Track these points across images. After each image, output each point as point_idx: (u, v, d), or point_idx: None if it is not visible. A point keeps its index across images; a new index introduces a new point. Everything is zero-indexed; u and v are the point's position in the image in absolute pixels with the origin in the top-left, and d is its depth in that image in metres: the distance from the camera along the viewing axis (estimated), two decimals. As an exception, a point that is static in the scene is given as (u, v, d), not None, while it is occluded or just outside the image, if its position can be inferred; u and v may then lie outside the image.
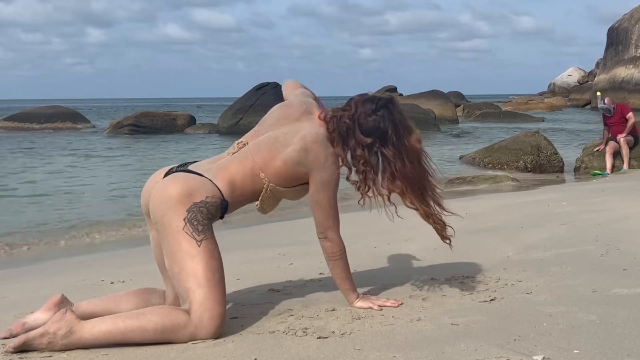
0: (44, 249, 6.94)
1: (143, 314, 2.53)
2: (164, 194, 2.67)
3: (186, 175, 2.73)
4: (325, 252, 2.85)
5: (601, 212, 5.64)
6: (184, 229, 2.60)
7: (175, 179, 2.71)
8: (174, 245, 2.61)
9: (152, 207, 2.70)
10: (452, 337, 2.42)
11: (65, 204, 10.08)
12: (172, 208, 2.63)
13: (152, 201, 2.71)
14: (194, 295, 2.55)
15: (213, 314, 2.54)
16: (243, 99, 28.26)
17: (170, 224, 2.62)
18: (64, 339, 2.45)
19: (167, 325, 2.49)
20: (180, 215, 2.61)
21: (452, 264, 3.80)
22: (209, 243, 2.63)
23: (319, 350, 2.36)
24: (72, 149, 20.99)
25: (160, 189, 2.71)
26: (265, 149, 2.79)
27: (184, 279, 2.58)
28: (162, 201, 2.66)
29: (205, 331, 2.53)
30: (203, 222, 2.63)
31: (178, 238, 2.60)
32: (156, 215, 2.68)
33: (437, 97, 35.27)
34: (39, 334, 2.46)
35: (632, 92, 46.59)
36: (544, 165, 13.10)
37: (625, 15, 50.61)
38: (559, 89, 64.90)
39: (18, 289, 4.21)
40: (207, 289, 2.56)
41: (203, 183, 2.70)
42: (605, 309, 2.70)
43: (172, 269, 2.63)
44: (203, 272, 2.58)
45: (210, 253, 2.62)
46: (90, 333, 2.47)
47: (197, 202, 2.64)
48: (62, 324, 2.47)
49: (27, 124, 31.95)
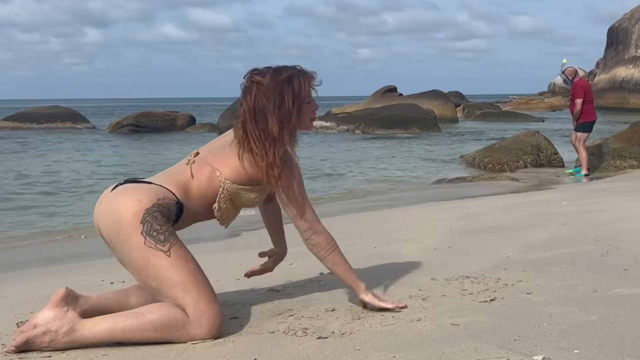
0: (44, 248, 6.94)
1: (142, 314, 2.51)
2: (112, 209, 2.56)
3: (133, 185, 2.65)
4: (320, 248, 2.76)
5: (601, 212, 5.64)
6: (145, 244, 2.50)
7: (122, 192, 2.61)
8: (140, 263, 2.52)
9: (103, 227, 2.59)
10: (452, 337, 2.42)
11: (65, 203, 10.08)
12: (124, 224, 2.51)
13: (101, 220, 2.59)
14: (184, 301, 2.51)
15: (210, 314, 2.53)
16: (243, 99, 28.26)
17: (129, 241, 2.51)
18: (65, 337, 2.45)
19: (166, 325, 2.48)
20: (136, 230, 2.50)
21: (452, 264, 3.79)
22: (177, 249, 2.55)
23: (319, 350, 2.36)
24: (72, 148, 21.00)
25: (106, 205, 2.59)
26: (219, 151, 2.77)
27: (167, 290, 2.52)
28: (111, 218, 2.55)
29: (205, 331, 2.52)
30: (162, 229, 2.53)
31: (143, 255, 2.50)
32: (110, 235, 2.56)
33: (437, 97, 35.29)
34: (41, 332, 2.45)
35: (632, 92, 46.61)
36: (544, 166, 13.13)
37: (626, 15, 50.63)
38: (559, 88, 64.89)
39: (18, 289, 4.21)
40: (195, 292, 2.52)
41: (151, 188, 2.61)
42: (606, 309, 2.70)
43: (148, 284, 2.55)
44: (185, 278, 2.52)
45: (183, 258, 2.55)
46: (91, 331, 2.47)
47: (149, 207, 2.53)
48: (64, 322, 2.46)
49: (27, 124, 31.97)
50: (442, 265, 3.75)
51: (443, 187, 11.04)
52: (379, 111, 29.41)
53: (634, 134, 12.73)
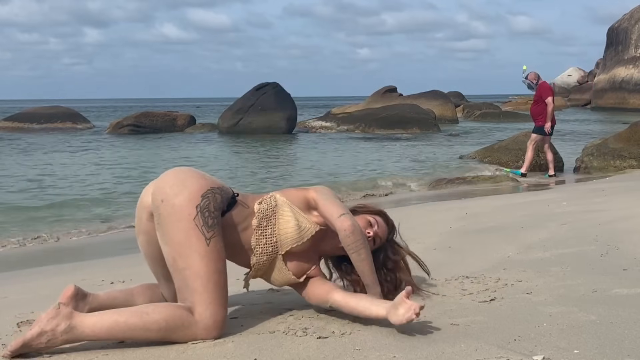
0: (44, 249, 6.94)
1: (147, 313, 2.48)
2: (181, 175, 2.64)
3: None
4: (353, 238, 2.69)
5: (601, 212, 5.64)
6: (194, 220, 2.54)
7: (192, 169, 2.74)
8: (181, 236, 2.54)
9: (161, 186, 2.61)
10: (452, 337, 2.42)
11: (66, 203, 10.08)
12: (188, 188, 2.58)
13: (162, 181, 2.64)
14: (200, 297, 2.52)
15: (217, 318, 2.53)
16: (243, 99, 28.27)
17: (183, 209, 2.54)
18: (63, 335, 2.38)
19: (171, 326, 2.47)
20: (194, 201, 2.56)
21: (452, 264, 3.79)
22: (217, 242, 2.58)
23: (319, 350, 2.36)
24: (72, 148, 20.99)
25: (175, 171, 2.69)
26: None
27: (189, 277, 2.53)
28: (177, 181, 2.61)
29: (208, 333, 2.52)
30: (214, 213, 2.59)
31: (188, 230, 2.53)
32: (167, 195, 2.57)
33: (437, 98, 35.32)
34: (36, 334, 2.37)
35: (632, 92, 46.61)
36: (544, 166, 13.11)
37: (625, 16, 50.64)
38: (559, 89, 64.84)
39: (18, 289, 4.21)
40: (213, 292, 2.53)
41: (214, 178, 2.76)
42: (605, 309, 2.70)
43: (175, 262, 2.56)
44: (211, 275, 2.54)
45: (218, 254, 2.58)
46: (91, 330, 2.41)
47: (214, 187, 2.64)
48: (60, 320, 2.39)
49: (27, 124, 31.96)
50: (442, 265, 3.75)
51: (443, 187, 11.04)
52: (379, 111, 29.42)
53: (634, 134, 12.74)
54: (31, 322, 2.93)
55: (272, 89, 27.78)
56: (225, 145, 22.60)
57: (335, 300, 2.70)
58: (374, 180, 12.50)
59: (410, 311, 2.41)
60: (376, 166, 15.25)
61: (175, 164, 16.76)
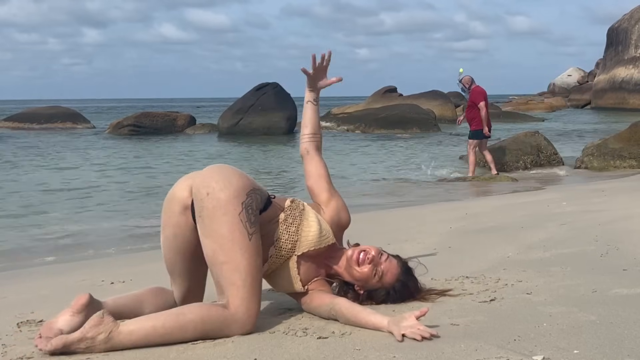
0: (43, 248, 6.94)
1: (183, 314, 2.50)
2: (225, 172, 2.67)
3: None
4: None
5: (601, 212, 5.64)
6: (239, 215, 2.58)
7: (234, 168, 2.77)
8: (225, 230, 2.57)
9: (206, 180, 2.62)
10: (452, 337, 2.42)
11: (66, 203, 10.08)
12: (234, 186, 2.62)
13: (205, 176, 2.65)
14: (238, 291, 2.55)
15: (251, 313, 2.57)
16: (243, 100, 28.25)
17: (228, 204, 2.58)
18: (102, 344, 2.38)
19: (207, 324, 2.49)
20: (239, 197, 2.60)
21: (452, 264, 3.80)
22: (257, 239, 2.63)
23: (319, 350, 2.36)
24: (72, 148, 21.00)
25: (220, 167, 2.72)
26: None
27: (228, 271, 2.55)
28: (223, 177, 2.63)
29: (242, 327, 2.55)
30: (255, 212, 2.64)
31: (232, 224, 2.57)
32: (213, 189, 2.59)
33: (437, 98, 35.28)
34: (77, 339, 2.37)
35: (632, 92, 46.61)
36: (544, 166, 13.14)
37: (625, 16, 50.65)
38: (559, 89, 64.90)
39: (18, 289, 4.21)
40: (250, 287, 2.57)
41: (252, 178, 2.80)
42: (605, 309, 2.70)
43: (215, 255, 2.58)
44: (250, 270, 2.57)
45: (257, 250, 2.62)
46: (129, 339, 2.41)
47: (256, 187, 2.70)
48: (102, 329, 2.39)
49: (27, 124, 31.97)
50: (442, 265, 3.76)
51: (443, 187, 11.05)
52: (379, 111, 29.42)
53: (634, 134, 12.75)
54: (31, 322, 2.94)
55: (272, 89, 27.76)
56: (226, 146, 22.60)
57: (336, 304, 2.70)
58: (374, 180, 12.50)
59: (415, 329, 2.40)
60: (376, 166, 15.25)
61: (175, 164, 16.86)
